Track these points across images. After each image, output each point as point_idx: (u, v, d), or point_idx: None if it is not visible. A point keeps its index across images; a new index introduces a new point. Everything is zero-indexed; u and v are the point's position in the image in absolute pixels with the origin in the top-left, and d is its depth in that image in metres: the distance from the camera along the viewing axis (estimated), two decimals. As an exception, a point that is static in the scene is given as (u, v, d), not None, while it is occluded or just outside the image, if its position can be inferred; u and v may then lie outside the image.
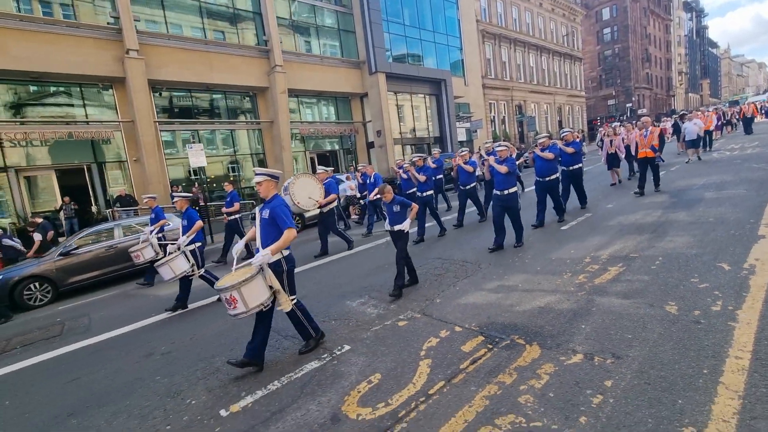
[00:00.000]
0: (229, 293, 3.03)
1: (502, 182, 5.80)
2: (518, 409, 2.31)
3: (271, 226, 3.31)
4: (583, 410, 2.22)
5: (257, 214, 3.43)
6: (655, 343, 2.77)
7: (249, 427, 2.57)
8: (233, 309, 3.08)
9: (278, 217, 3.28)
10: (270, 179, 3.42)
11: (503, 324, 3.44)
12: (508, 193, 5.79)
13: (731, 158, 11.57)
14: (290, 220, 3.30)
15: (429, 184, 7.73)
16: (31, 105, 12.82)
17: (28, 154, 12.71)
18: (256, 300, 3.09)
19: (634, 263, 4.38)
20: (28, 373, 4.07)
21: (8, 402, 3.46)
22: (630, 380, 2.41)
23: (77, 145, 13.35)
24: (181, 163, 15.69)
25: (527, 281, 4.38)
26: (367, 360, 3.19)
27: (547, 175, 6.82)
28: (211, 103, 16.68)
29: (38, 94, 12.96)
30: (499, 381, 2.62)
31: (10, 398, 3.51)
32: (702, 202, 6.70)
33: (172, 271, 5.20)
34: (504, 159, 5.84)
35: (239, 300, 3.04)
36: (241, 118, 17.51)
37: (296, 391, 2.90)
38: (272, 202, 3.36)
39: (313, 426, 2.47)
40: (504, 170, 5.72)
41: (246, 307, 3.05)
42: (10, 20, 11.57)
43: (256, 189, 3.48)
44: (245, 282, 3.03)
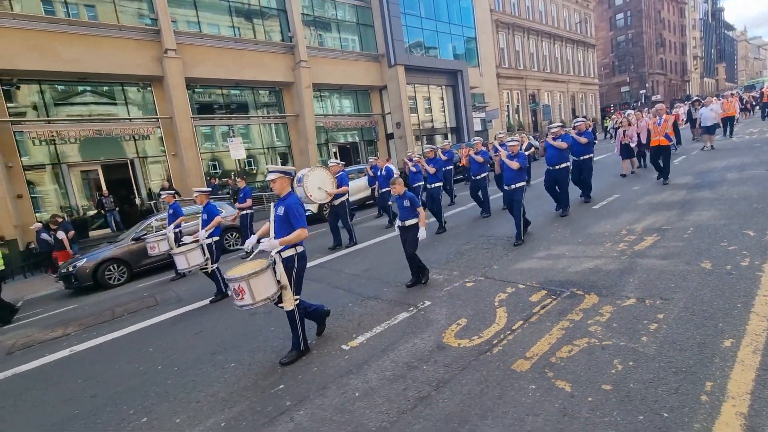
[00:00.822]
0: (238, 284, 3.07)
1: (511, 177, 5.82)
2: (590, 335, 2.96)
3: (284, 223, 3.36)
4: (643, 333, 2.86)
5: (272, 211, 3.50)
6: (695, 289, 3.39)
7: (370, 355, 3.26)
8: (240, 300, 3.12)
9: (292, 215, 3.33)
10: (284, 176, 3.46)
11: (560, 281, 4.08)
12: (514, 188, 5.78)
13: (750, 142, 11.93)
14: (303, 220, 3.37)
15: (438, 176, 7.78)
16: (79, 104, 13.64)
17: (75, 151, 13.56)
18: (264, 293, 3.13)
19: (667, 233, 4.97)
20: (152, 330, 4.83)
21: (152, 348, 4.22)
22: (678, 313, 3.05)
23: (120, 141, 14.18)
24: (214, 156, 16.48)
25: (572, 250, 5.01)
26: (449, 310, 3.86)
27: (557, 164, 6.84)
28: (241, 99, 17.39)
29: (85, 94, 13.77)
30: (568, 318, 3.27)
31: (153, 346, 4.27)
32: (725, 182, 7.21)
33: (186, 262, 5.37)
34: (516, 154, 5.84)
35: (246, 291, 3.07)
36: (269, 113, 18.18)
37: (399, 332, 3.59)
38: (287, 200, 3.42)
39: (424, 353, 3.15)
40: (516, 166, 5.72)
41: (252, 299, 3.09)
42: (60, 25, 12.36)
43: (270, 186, 3.54)
44: (254, 274, 3.08)
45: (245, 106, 17.50)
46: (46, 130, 12.62)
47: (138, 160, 14.64)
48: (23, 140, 12.41)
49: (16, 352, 4.91)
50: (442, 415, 2.39)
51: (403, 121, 20.82)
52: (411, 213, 4.60)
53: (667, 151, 8.07)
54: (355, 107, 21.60)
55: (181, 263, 5.42)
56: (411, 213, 4.60)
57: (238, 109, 17.31)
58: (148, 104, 14.81)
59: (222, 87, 16.56)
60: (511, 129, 30.41)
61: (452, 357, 3.00)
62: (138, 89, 14.64)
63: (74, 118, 13.25)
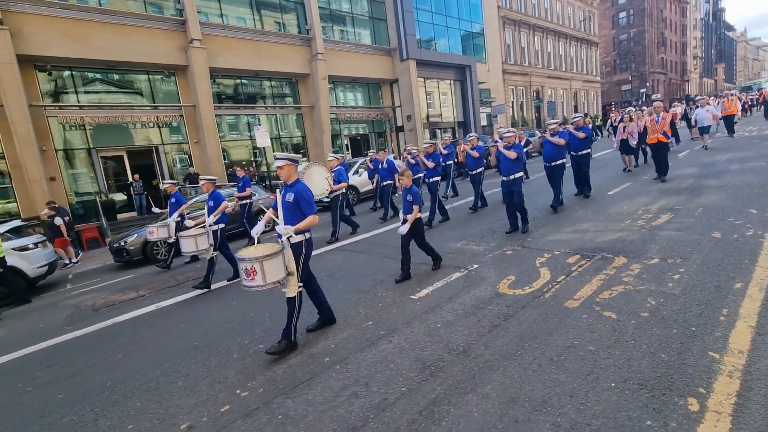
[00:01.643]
0: (251, 264, 3.10)
1: (508, 168, 5.96)
2: (625, 283, 3.62)
3: (294, 209, 3.39)
4: (669, 281, 3.52)
5: (279, 197, 3.48)
6: (709, 251, 4.05)
7: (438, 301, 3.90)
8: (250, 280, 3.13)
9: (303, 201, 3.36)
10: (291, 163, 3.49)
11: (590, 248, 4.73)
12: (513, 178, 5.91)
13: (750, 138, 12.63)
14: (314, 206, 3.41)
15: (437, 170, 7.85)
16: (107, 92, 14.10)
17: (103, 136, 14.03)
18: (274, 276, 3.16)
19: (680, 212, 5.64)
20: (225, 290, 5.46)
21: (234, 302, 4.85)
22: (696, 268, 3.71)
23: (145, 128, 14.68)
24: (233, 144, 17.02)
25: (596, 226, 5.66)
26: (497, 270, 4.51)
27: (554, 160, 6.98)
28: (259, 89, 17.87)
29: (113, 81, 14.23)
30: (604, 273, 3.92)
31: (236, 300, 4.90)
32: (728, 172, 7.89)
33: (195, 246, 5.54)
34: (512, 145, 5.96)
35: (258, 273, 3.10)
36: (285, 103, 18.68)
37: (458, 286, 4.23)
38: (296, 186, 3.44)
39: (485, 299, 3.80)
40: (513, 156, 5.83)
41: (263, 281, 3.12)
42: (92, 13, 12.79)
43: (277, 173, 3.56)
44: (268, 257, 3.12)
45: (262, 96, 18.00)
46: (77, 116, 13.09)
47: (162, 146, 15.14)
48: (55, 125, 12.88)
49: (101, 309, 5.52)
50: (516, 335, 3.03)
51: (414, 114, 21.37)
52: (411, 209, 4.71)
53: (664, 147, 8.21)
54: (367, 100, 22.11)
55: (189, 246, 5.55)
56: (411, 209, 4.71)
57: (255, 99, 17.80)
58: (171, 93, 15.28)
59: (241, 77, 17.04)
60: (515, 124, 31.04)
61: (511, 301, 3.65)
62: (162, 78, 15.10)
63: (102, 105, 13.72)
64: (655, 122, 8.17)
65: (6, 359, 4.25)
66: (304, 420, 2.43)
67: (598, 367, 2.50)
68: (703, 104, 12.64)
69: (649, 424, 1.98)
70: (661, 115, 8.20)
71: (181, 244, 5.69)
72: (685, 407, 2.05)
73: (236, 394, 2.83)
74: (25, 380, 3.65)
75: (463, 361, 2.78)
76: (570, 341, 2.83)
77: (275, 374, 3.02)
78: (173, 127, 15.44)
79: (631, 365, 2.46)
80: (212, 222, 5.59)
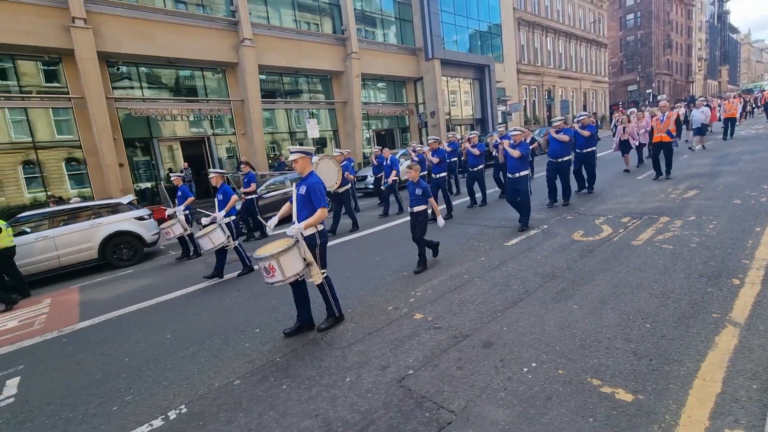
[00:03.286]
0: (268, 262, 3.21)
1: (514, 166, 6.11)
2: (672, 231, 4.88)
3: (306, 202, 3.49)
4: (706, 228, 4.79)
5: (293, 190, 3.64)
6: (733, 211, 5.32)
7: (528, 247, 5.15)
8: (271, 277, 3.26)
9: (314, 194, 3.45)
10: (305, 156, 3.60)
11: (638, 212, 6.00)
12: (519, 176, 6.06)
13: (757, 135, 13.88)
14: (324, 199, 3.48)
15: (443, 166, 8.00)
16: (166, 87, 15.35)
17: (163, 126, 15.29)
18: (293, 270, 3.26)
19: (704, 189, 6.90)
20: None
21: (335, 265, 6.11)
22: (725, 221, 4.97)
23: (198, 119, 15.93)
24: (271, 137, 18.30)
25: (635, 199, 6.92)
26: (565, 228, 5.76)
27: (559, 157, 7.15)
28: (296, 86, 19.12)
29: (172, 76, 15.48)
30: (653, 227, 5.19)
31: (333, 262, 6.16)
32: (741, 161, 9.14)
33: (211, 243, 5.59)
34: (518, 143, 6.15)
35: (277, 269, 3.21)
36: (320, 99, 19.92)
37: (539, 238, 5.49)
38: (309, 179, 3.54)
39: (565, 244, 5.05)
40: (517, 154, 6.01)
41: (283, 276, 3.23)
42: (158, 14, 14.02)
43: (292, 166, 3.67)
44: (283, 252, 3.22)
45: (300, 92, 19.24)
46: (142, 107, 14.33)
47: (213, 137, 16.40)
48: (122, 116, 14.12)
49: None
50: (601, 259, 4.30)
51: (438, 110, 22.61)
52: (421, 200, 4.89)
53: (669, 147, 8.33)
54: (392, 96, 23.34)
55: (206, 244, 5.63)
56: (421, 200, 4.89)
57: (294, 94, 19.04)
58: (221, 88, 16.51)
59: (282, 74, 18.27)
60: (528, 122, 32.27)
61: (587, 244, 4.91)
62: (213, 74, 16.34)
63: (162, 98, 14.97)
64: (660, 121, 8.34)
65: (180, 293, 5.52)
66: (474, 302, 3.69)
67: (668, 269, 3.77)
68: (699, 105, 12.44)
69: (710, 291, 3.24)
70: (666, 114, 8.35)
71: (200, 244, 5.78)
72: (731, 282, 3.32)
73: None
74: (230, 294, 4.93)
75: (570, 273, 4.05)
76: (644, 260, 4.10)
77: (437, 285, 4.29)
78: (222, 119, 16.68)
79: (691, 267, 3.73)
80: (223, 215, 5.69)
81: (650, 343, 2.66)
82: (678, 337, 2.69)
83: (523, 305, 3.49)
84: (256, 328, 3.89)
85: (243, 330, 3.88)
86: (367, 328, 3.51)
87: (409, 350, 3.01)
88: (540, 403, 2.23)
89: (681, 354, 2.50)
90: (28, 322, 5.17)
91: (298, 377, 2.86)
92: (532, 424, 2.07)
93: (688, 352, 2.51)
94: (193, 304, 4.93)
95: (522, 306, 3.48)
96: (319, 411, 2.44)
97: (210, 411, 2.62)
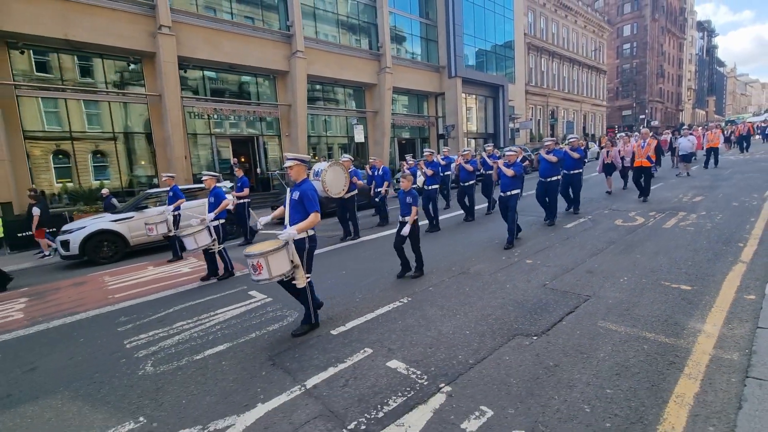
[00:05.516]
0: (257, 260, 3.33)
1: (507, 185, 6.30)
2: (689, 220, 6.67)
3: (299, 207, 3.61)
4: (715, 218, 6.60)
5: (287, 195, 3.75)
6: (733, 209, 7.16)
7: (582, 230, 6.86)
8: (258, 275, 3.37)
9: (306, 199, 3.57)
10: (300, 163, 3.71)
11: (660, 209, 7.80)
12: (510, 194, 6.25)
13: (745, 160, 16.02)
14: (316, 204, 3.60)
15: (436, 179, 8.20)
16: (225, 89, 16.96)
17: (219, 125, 16.84)
18: (279, 270, 3.38)
19: (708, 196, 8.77)
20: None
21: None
22: (728, 215, 6.78)
23: (250, 120, 17.54)
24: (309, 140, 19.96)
25: (654, 202, 8.71)
26: (606, 219, 7.50)
27: (549, 176, 7.43)
28: (333, 95, 20.89)
29: (230, 80, 17.11)
30: (676, 218, 6.98)
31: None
32: (734, 178, 11.11)
33: (195, 243, 5.61)
34: (512, 163, 6.33)
35: (264, 267, 3.32)
36: (354, 107, 21.71)
37: (588, 225, 7.20)
38: (302, 186, 3.66)
39: (610, 227, 6.79)
40: (511, 173, 6.21)
41: (269, 274, 3.34)
42: (224, 24, 15.71)
43: (287, 172, 3.78)
44: (272, 252, 3.34)
45: (336, 100, 21.01)
46: (203, 107, 15.89)
47: (262, 137, 17.99)
48: (188, 114, 15.65)
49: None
50: (642, 235, 6.05)
51: (457, 124, 24.58)
52: (408, 210, 4.98)
53: (648, 171, 8.86)
54: (414, 109, 25.25)
55: (190, 244, 5.65)
56: (408, 210, 4.98)
57: (331, 102, 20.80)
58: (271, 93, 18.18)
59: (323, 84, 20.03)
60: (533, 139, 34.51)
61: (628, 227, 6.67)
62: (265, 80, 18.02)
63: (222, 99, 16.57)
64: (641, 147, 8.90)
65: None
66: (563, 255, 5.37)
67: (695, 239, 5.54)
68: (685, 134, 13.29)
69: (725, 248, 5.01)
70: (647, 140, 8.91)
71: (184, 243, 5.79)
72: (738, 245, 5.10)
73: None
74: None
75: (621, 243, 5.77)
76: (676, 234, 5.87)
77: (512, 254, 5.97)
78: (269, 121, 18.31)
79: (710, 238, 5.52)
80: (212, 218, 5.77)
81: (693, 270, 4.40)
82: (710, 268, 4.43)
83: (600, 256, 5.21)
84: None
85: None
86: (494, 269, 5.15)
87: (536, 276, 4.68)
88: (637, 292, 3.93)
89: (714, 272, 4.26)
90: (199, 269, 6.66)
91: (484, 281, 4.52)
92: (636, 304, 3.72)
93: (722, 270, 4.32)
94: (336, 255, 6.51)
95: (600, 256, 5.19)
96: (497, 300, 4.09)
97: (425, 297, 4.23)
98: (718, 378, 2.48)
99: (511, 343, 3.12)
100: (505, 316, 3.65)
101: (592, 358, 2.83)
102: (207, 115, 16.13)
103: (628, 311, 3.52)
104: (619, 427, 2.14)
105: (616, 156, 10.70)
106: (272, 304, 4.55)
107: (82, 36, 12.44)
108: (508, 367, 2.79)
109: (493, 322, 3.54)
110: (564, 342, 3.07)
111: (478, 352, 3.02)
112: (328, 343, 3.43)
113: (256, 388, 2.83)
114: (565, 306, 3.74)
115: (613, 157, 10.61)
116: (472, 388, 2.58)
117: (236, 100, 17.01)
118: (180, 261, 7.48)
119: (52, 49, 12.79)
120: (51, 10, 11.92)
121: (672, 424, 2.12)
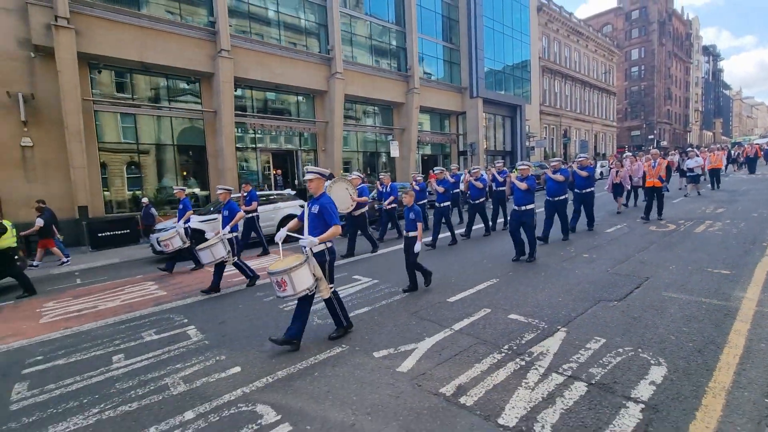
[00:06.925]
0: (280, 277, 3.39)
1: (520, 198, 6.30)
2: (717, 227, 7.66)
3: (318, 220, 3.69)
4: (740, 223, 7.59)
5: (306, 209, 3.81)
6: (752, 219, 8.15)
7: (620, 234, 7.87)
8: (282, 291, 3.45)
9: (326, 212, 3.65)
10: (320, 177, 3.79)
11: (689, 218, 8.80)
12: (525, 209, 6.24)
13: (755, 179, 17.01)
14: (336, 218, 3.67)
15: (447, 196, 8.35)
16: (270, 106, 18.38)
17: (262, 139, 18.18)
18: (303, 285, 3.45)
19: (728, 209, 9.75)
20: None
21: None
22: (749, 223, 7.77)
23: (290, 136, 18.89)
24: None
25: (681, 213, 9.71)
26: (640, 226, 8.49)
27: (556, 196, 7.55)
28: (364, 113, 22.31)
29: (275, 99, 18.55)
30: (704, 224, 7.98)
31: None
32: (750, 193, 12.12)
33: (212, 256, 5.74)
34: (525, 177, 6.36)
35: (288, 283, 3.40)
36: (383, 125, 23.08)
37: (626, 230, 8.22)
38: (321, 199, 3.75)
39: (646, 231, 7.79)
40: (524, 187, 6.23)
41: (294, 290, 3.43)
42: (275, 48, 17.21)
43: (307, 186, 3.82)
44: (295, 268, 3.41)
45: (367, 118, 22.40)
46: (251, 123, 17.25)
47: (300, 151, 19.30)
48: (239, 130, 17.00)
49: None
50: (677, 237, 7.06)
51: (477, 142, 25.84)
52: (412, 226, 5.01)
53: (660, 192, 9.14)
54: (437, 126, 26.61)
55: (207, 257, 5.81)
56: (412, 226, 5.01)
57: (361, 119, 22.20)
58: (309, 110, 19.59)
59: (355, 102, 21.46)
60: (547, 157, 35.69)
61: (663, 232, 7.67)
62: (304, 98, 19.45)
63: (265, 116, 17.95)
64: (652, 167, 9.19)
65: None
66: (611, 252, 6.37)
67: (724, 240, 6.54)
68: (692, 155, 13.69)
69: (751, 247, 6.00)
70: (657, 161, 9.22)
71: (200, 257, 5.95)
72: (762, 244, 6.08)
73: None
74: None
75: (662, 243, 6.77)
76: (707, 237, 6.87)
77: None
78: (305, 137, 19.65)
79: (738, 239, 6.52)
80: (227, 231, 5.91)
81: (729, 260, 5.42)
82: (742, 259, 5.44)
83: (646, 252, 6.22)
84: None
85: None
86: (559, 261, 6.17)
87: (597, 265, 5.69)
88: (687, 275, 4.94)
89: (746, 262, 5.28)
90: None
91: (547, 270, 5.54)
92: (688, 282, 4.71)
93: (753, 260, 5.31)
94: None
95: (646, 252, 6.21)
96: (569, 282, 5.10)
97: (510, 279, 5.25)
98: (763, 322, 3.48)
99: (599, 306, 4.14)
100: (585, 290, 4.67)
101: (665, 312, 3.84)
102: (253, 130, 17.49)
103: (683, 286, 4.54)
104: (698, 344, 3.16)
105: (626, 176, 10.81)
106: (381, 284, 5.59)
107: (155, 59, 13.91)
108: (604, 317, 3.81)
109: (578, 293, 4.56)
110: (640, 304, 4.09)
111: (575, 310, 4.04)
112: (452, 306, 4.46)
113: (417, 329, 3.87)
114: (631, 283, 4.76)
115: (622, 177, 10.73)
116: (584, 328, 3.60)
117: (279, 117, 18.39)
118: (266, 255, 8.58)
119: (126, 70, 14.26)
120: (131, 35, 13.42)
121: (735, 343, 3.13)
